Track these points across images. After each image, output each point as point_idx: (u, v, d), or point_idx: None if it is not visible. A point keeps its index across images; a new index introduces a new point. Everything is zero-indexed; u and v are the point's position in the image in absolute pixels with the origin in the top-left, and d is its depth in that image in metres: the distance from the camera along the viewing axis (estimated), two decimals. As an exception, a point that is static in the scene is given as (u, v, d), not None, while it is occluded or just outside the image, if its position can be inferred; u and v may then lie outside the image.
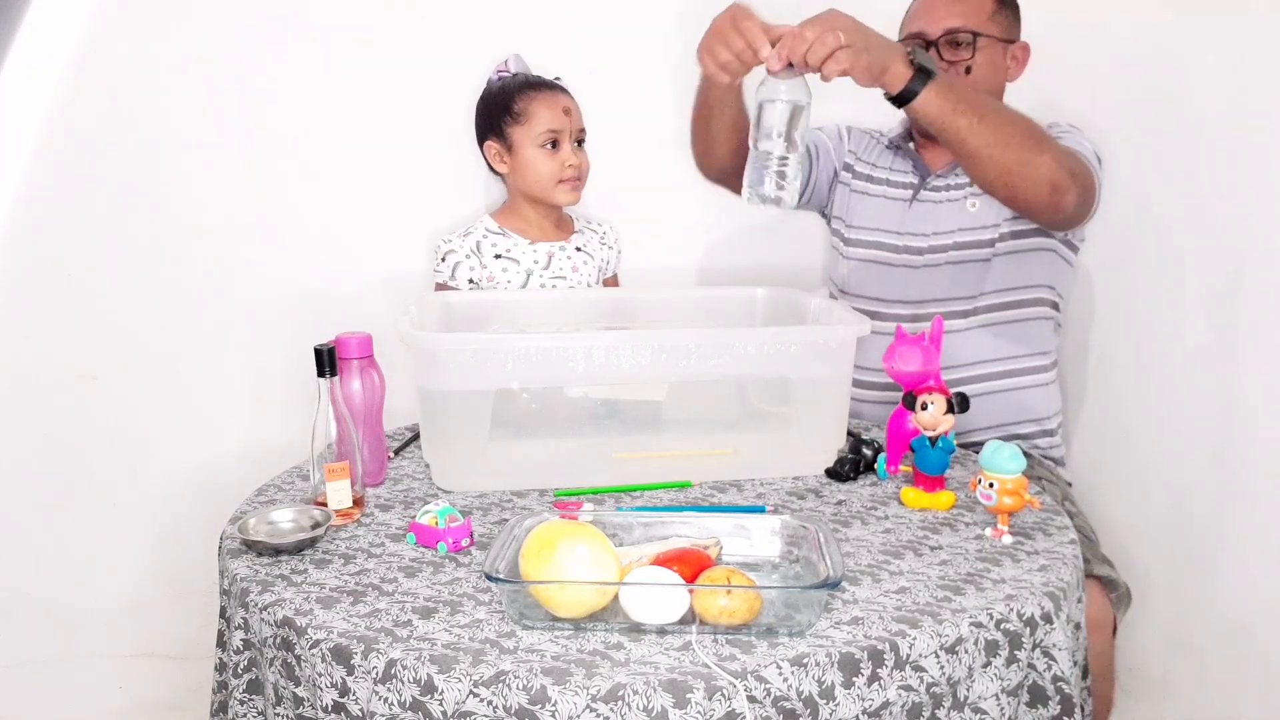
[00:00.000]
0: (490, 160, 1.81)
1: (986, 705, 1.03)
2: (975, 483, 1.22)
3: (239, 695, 1.14)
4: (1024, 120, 1.52)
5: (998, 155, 1.48)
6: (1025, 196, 1.53)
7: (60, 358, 1.87)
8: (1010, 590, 1.08)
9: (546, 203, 1.80)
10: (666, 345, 1.35)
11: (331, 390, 1.26)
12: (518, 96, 1.77)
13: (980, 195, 1.70)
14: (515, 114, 1.76)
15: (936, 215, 1.74)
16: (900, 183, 1.81)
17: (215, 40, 1.83)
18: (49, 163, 1.82)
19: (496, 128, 1.78)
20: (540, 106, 1.75)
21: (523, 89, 1.77)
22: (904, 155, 1.83)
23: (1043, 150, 1.50)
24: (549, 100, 1.76)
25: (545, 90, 1.77)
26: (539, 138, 1.75)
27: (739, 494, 1.35)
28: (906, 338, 1.35)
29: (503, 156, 1.79)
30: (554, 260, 1.80)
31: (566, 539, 1.01)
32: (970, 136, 1.47)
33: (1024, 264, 1.71)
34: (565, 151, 1.76)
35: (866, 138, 1.90)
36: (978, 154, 1.49)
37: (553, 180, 1.76)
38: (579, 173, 1.78)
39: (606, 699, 0.89)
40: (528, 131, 1.75)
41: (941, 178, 1.76)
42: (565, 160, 1.76)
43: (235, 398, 1.95)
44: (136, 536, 1.96)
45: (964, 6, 1.70)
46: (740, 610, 0.97)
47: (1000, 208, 1.68)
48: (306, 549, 1.19)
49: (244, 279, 1.91)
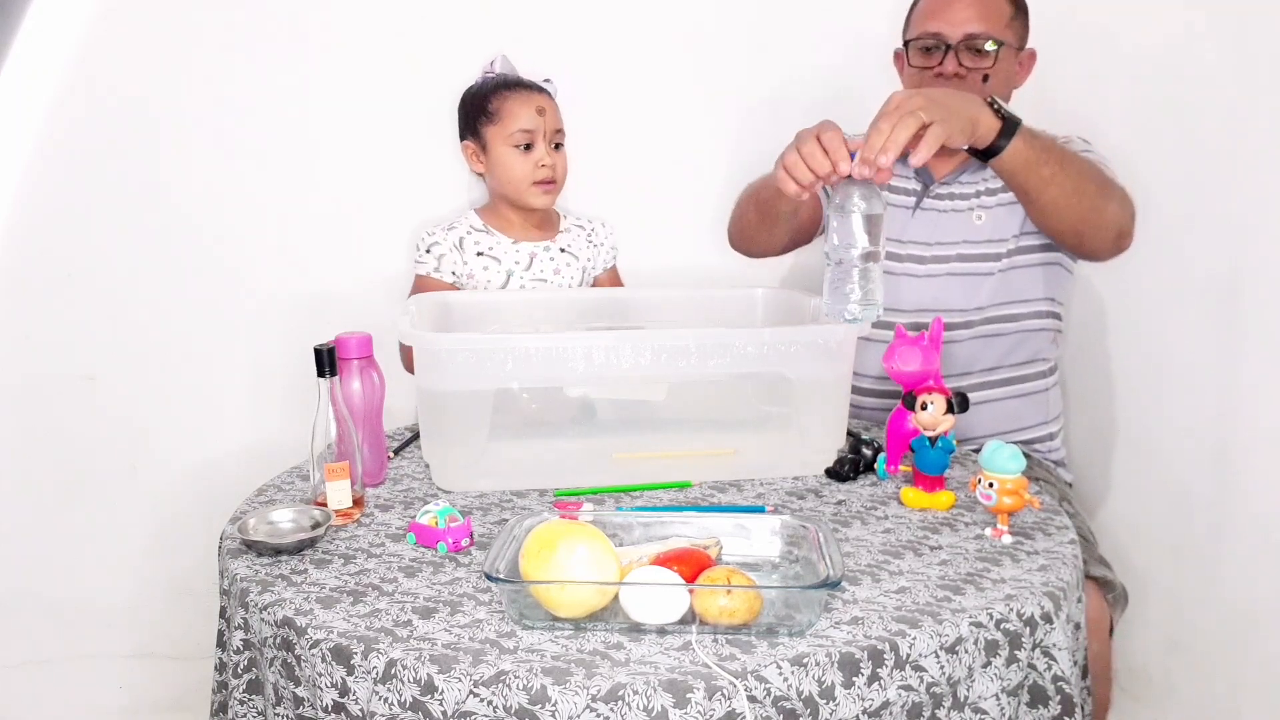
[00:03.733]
0: (468, 160, 1.81)
1: (987, 705, 1.03)
2: (975, 483, 1.22)
3: (239, 695, 1.14)
4: (1093, 167, 1.51)
5: (1074, 204, 1.47)
6: (1092, 244, 1.54)
7: (61, 358, 1.87)
8: (1010, 590, 1.08)
9: (520, 205, 1.79)
10: (666, 345, 1.35)
11: (331, 390, 1.26)
12: (492, 96, 1.76)
13: (987, 208, 1.69)
14: (490, 113, 1.75)
15: (941, 225, 1.71)
16: (902, 190, 1.77)
17: (214, 41, 1.84)
18: (49, 163, 1.82)
19: (473, 127, 1.78)
20: (514, 106, 1.74)
21: (497, 88, 1.77)
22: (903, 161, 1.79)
23: (1110, 197, 1.50)
24: (523, 99, 1.75)
25: (520, 90, 1.76)
26: (511, 137, 1.74)
27: (739, 494, 1.35)
28: (906, 338, 1.35)
29: (479, 156, 1.79)
30: (535, 261, 1.79)
31: (566, 539, 1.01)
32: (1051, 186, 1.45)
33: (1028, 278, 1.70)
34: (539, 152, 1.74)
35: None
36: (1055, 204, 1.47)
37: (525, 182, 1.75)
38: (553, 174, 1.75)
39: (606, 699, 0.89)
40: (500, 131, 1.74)
41: (945, 186, 1.73)
42: (538, 161, 1.74)
43: (235, 398, 1.95)
44: (136, 536, 1.96)
45: (984, 10, 1.65)
46: (740, 610, 0.97)
47: (1009, 225, 1.67)
48: (306, 549, 1.19)
49: (244, 279, 1.91)
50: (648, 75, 1.96)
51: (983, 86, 1.65)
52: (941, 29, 1.65)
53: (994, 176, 1.70)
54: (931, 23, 1.67)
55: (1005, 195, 1.69)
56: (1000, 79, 1.67)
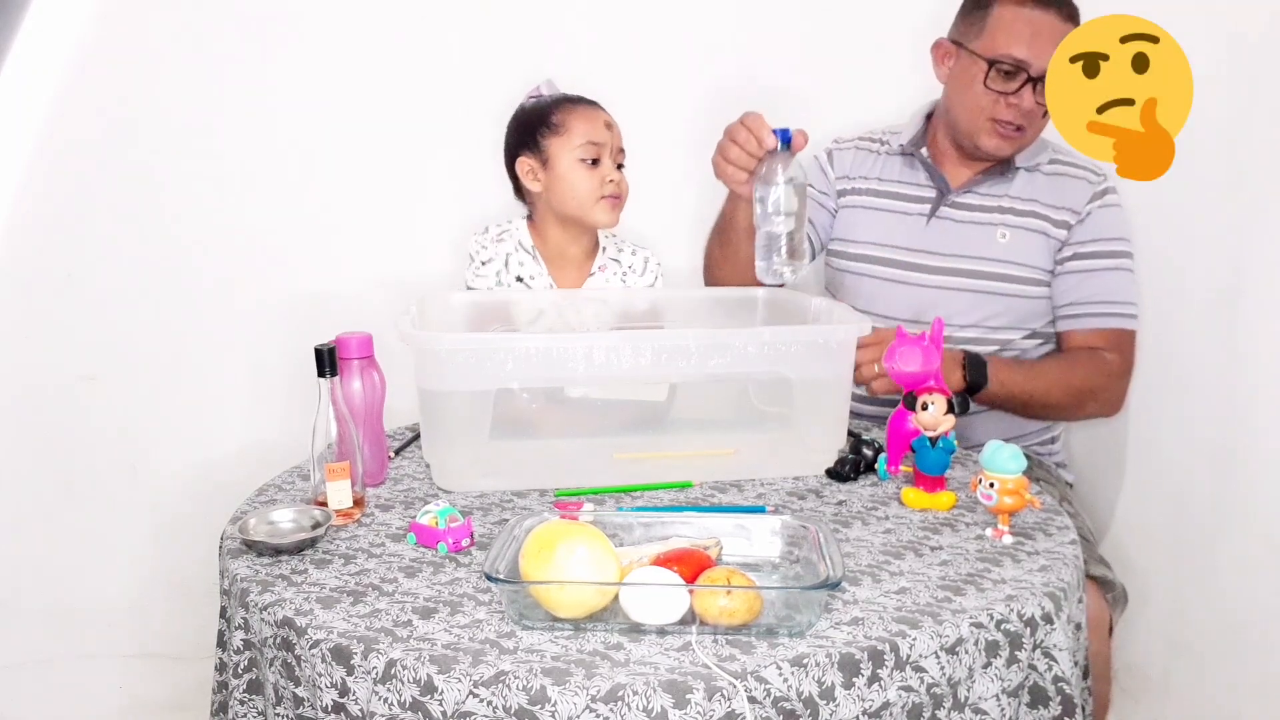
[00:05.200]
0: (522, 177, 1.68)
1: (987, 706, 1.03)
2: (975, 483, 1.22)
3: (239, 695, 1.14)
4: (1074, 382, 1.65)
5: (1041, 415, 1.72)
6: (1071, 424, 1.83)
7: (61, 358, 1.87)
8: (1011, 590, 1.07)
9: (583, 222, 1.68)
10: (666, 345, 1.35)
11: (332, 390, 1.26)
12: (556, 110, 1.67)
13: (1012, 227, 1.68)
14: (553, 125, 1.66)
15: (959, 236, 1.70)
16: (915, 196, 1.75)
17: (214, 42, 1.84)
18: (49, 164, 1.82)
19: (531, 141, 1.67)
20: (580, 120, 1.66)
21: (561, 103, 1.68)
22: (918, 165, 1.76)
23: (1085, 405, 1.70)
24: (589, 114, 1.67)
25: (585, 105, 1.68)
26: (579, 150, 1.64)
27: (739, 494, 1.35)
28: (907, 338, 1.35)
29: (536, 173, 1.67)
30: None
31: (566, 539, 1.01)
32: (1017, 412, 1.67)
33: (1042, 308, 1.70)
34: (606, 167, 1.65)
35: (861, 152, 1.82)
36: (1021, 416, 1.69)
37: (593, 197, 1.64)
38: (619, 190, 1.67)
39: (606, 699, 0.89)
40: (566, 143, 1.64)
41: (963, 194, 1.71)
42: (606, 175, 1.65)
43: (235, 398, 1.95)
44: (136, 536, 1.96)
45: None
46: (740, 610, 0.97)
47: (1035, 255, 1.67)
48: (306, 549, 1.18)
49: (244, 279, 1.91)
50: (648, 75, 1.96)
51: (1040, 121, 1.63)
52: (1031, 60, 1.57)
53: (1023, 194, 1.70)
54: (1020, 49, 1.58)
55: (1034, 221, 1.68)
56: None
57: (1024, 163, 1.71)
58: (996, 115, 1.62)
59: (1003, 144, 1.65)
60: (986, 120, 1.63)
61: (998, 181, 1.70)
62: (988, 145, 1.65)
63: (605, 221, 1.67)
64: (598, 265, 1.74)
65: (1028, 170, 1.71)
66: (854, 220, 1.80)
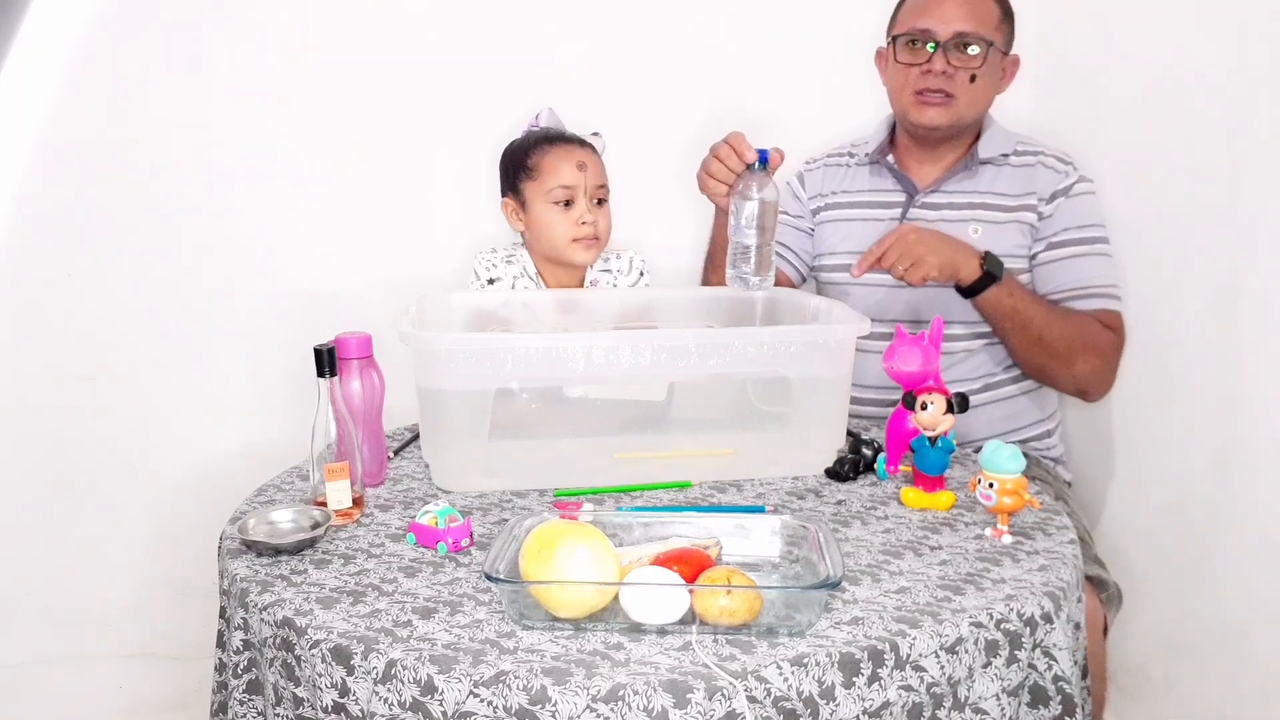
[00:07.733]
0: (507, 219, 1.73)
1: (987, 705, 1.03)
2: (975, 483, 1.22)
3: (239, 695, 1.14)
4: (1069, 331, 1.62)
5: (1033, 355, 1.65)
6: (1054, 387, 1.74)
7: (60, 358, 1.87)
8: (1010, 590, 1.08)
9: (560, 262, 1.71)
10: (666, 345, 1.35)
11: (331, 390, 1.26)
12: (533, 151, 1.68)
13: (984, 222, 1.69)
14: (528, 169, 1.68)
15: None
16: (885, 202, 1.77)
17: (215, 42, 1.84)
18: (48, 163, 1.82)
19: (513, 184, 1.70)
20: (554, 161, 1.66)
21: (538, 143, 1.69)
22: (884, 171, 1.79)
23: (1077, 359, 1.64)
24: (564, 154, 1.67)
25: (561, 144, 1.68)
26: (551, 194, 1.65)
27: (739, 494, 1.35)
28: (906, 337, 1.35)
29: (518, 214, 1.71)
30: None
31: (566, 539, 1.01)
32: (1012, 335, 1.63)
33: None
34: (579, 209, 1.66)
35: (830, 168, 1.85)
36: (1016, 348, 1.65)
37: (565, 239, 1.67)
38: (595, 231, 1.67)
39: (606, 699, 0.89)
40: (539, 187, 1.66)
41: (931, 194, 1.73)
42: (579, 218, 1.66)
43: (235, 398, 1.95)
44: (136, 537, 1.96)
45: (974, 10, 1.64)
46: (740, 610, 0.97)
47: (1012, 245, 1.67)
48: (306, 549, 1.19)
49: (244, 280, 1.92)
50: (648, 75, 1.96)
51: (970, 87, 1.65)
52: (931, 26, 1.64)
53: (992, 188, 1.71)
54: (921, 19, 1.65)
55: (1006, 214, 1.69)
56: (987, 81, 1.67)
57: (988, 154, 1.72)
58: (916, 87, 1.66)
59: (931, 113, 1.67)
60: (910, 95, 1.68)
61: (965, 178, 1.72)
62: (919, 119, 1.68)
63: (581, 261, 1.71)
64: (590, 279, 1.78)
65: (994, 164, 1.72)
66: (830, 233, 1.83)
